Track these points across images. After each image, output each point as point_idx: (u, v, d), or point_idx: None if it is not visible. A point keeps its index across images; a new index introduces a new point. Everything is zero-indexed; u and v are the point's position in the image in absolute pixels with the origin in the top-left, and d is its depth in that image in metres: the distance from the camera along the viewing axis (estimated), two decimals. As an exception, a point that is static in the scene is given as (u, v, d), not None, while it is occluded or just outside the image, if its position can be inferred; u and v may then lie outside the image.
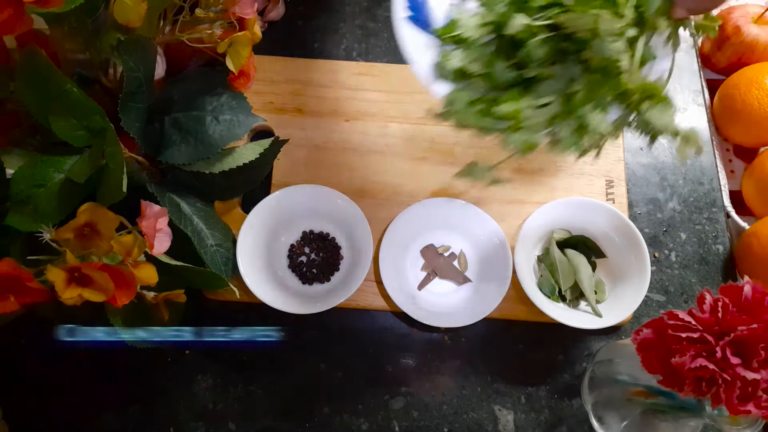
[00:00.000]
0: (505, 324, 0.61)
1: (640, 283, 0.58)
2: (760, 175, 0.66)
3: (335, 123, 0.68)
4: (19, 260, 0.42)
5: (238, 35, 0.51)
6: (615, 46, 0.41)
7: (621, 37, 0.41)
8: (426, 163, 0.67)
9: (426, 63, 0.46)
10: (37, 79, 0.45)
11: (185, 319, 0.56)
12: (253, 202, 0.60)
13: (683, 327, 0.39)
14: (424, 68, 0.46)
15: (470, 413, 0.59)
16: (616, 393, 0.53)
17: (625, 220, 0.60)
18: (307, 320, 0.61)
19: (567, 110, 0.43)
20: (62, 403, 0.58)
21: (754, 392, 0.37)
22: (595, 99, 0.43)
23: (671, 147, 0.70)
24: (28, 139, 0.50)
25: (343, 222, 0.61)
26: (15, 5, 0.38)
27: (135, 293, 0.44)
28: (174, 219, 0.52)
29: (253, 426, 0.58)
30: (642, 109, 0.44)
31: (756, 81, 0.66)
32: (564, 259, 0.61)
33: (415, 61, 0.46)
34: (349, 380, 0.59)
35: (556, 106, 0.44)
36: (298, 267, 0.62)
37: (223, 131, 0.54)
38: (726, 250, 0.65)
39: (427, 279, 0.62)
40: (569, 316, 0.57)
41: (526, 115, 0.43)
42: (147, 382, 0.59)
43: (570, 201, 0.62)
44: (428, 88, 0.46)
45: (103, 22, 0.53)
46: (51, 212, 0.46)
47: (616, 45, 0.41)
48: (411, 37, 0.46)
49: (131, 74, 0.49)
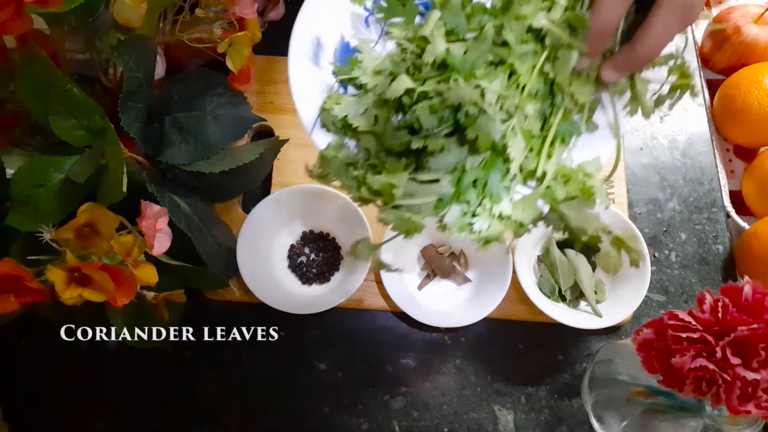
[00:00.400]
0: (505, 324, 0.61)
1: (640, 283, 0.58)
2: (760, 175, 0.66)
3: (335, 123, 0.68)
4: (19, 260, 0.42)
5: (238, 35, 0.51)
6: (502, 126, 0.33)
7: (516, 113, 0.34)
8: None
9: (315, 105, 0.38)
10: (37, 79, 0.45)
11: (185, 319, 0.56)
12: (253, 202, 0.60)
13: (683, 327, 0.39)
14: (311, 111, 0.39)
15: (470, 413, 0.59)
16: (616, 393, 0.53)
17: (625, 220, 0.60)
18: (307, 320, 0.61)
19: (457, 192, 0.36)
20: (62, 404, 0.58)
21: (754, 392, 0.37)
22: (485, 182, 0.36)
23: (671, 147, 0.70)
24: (28, 139, 0.50)
25: (343, 222, 0.61)
26: (15, 5, 0.38)
27: (135, 293, 0.44)
28: (174, 219, 0.52)
29: (253, 426, 0.58)
30: (557, 198, 0.36)
31: (756, 81, 0.66)
32: (564, 259, 0.61)
33: (301, 101, 0.38)
34: (349, 380, 0.59)
35: (447, 186, 0.36)
36: (298, 267, 0.62)
37: (223, 131, 0.54)
38: (726, 250, 0.65)
39: (427, 279, 0.62)
40: (569, 316, 0.57)
41: (408, 191, 0.36)
42: (147, 382, 0.59)
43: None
44: (309, 136, 0.38)
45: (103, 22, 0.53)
46: (51, 212, 0.46)
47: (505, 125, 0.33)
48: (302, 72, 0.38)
49: (131, 74, 0.49)
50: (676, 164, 0.69)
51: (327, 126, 0.38)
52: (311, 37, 0.39)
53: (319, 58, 0.39)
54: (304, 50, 0.39)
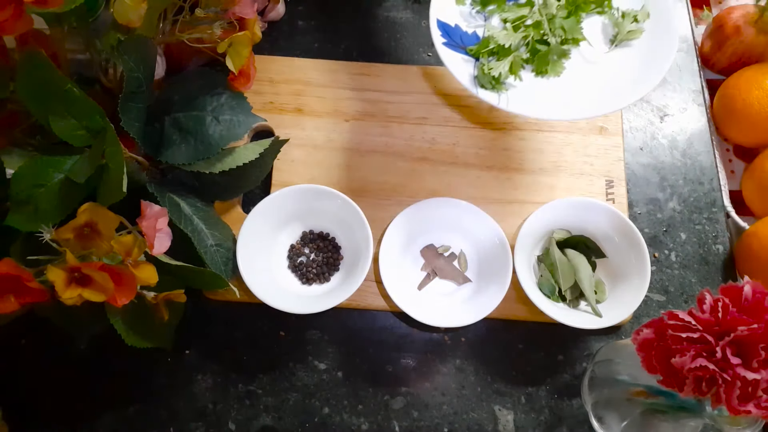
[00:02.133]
0: (505, 324, 0.61)
1: (640, 283, 0.58)
2: (760, 175, 0.66)
3: (335, 123, 0.68)
4: (19, 260, 0.42)
5: (238, 35, 0.51)
6: None
7: None
8: (426, 163, 0.67)
9: (466, 76, 0.55)
10: (37, 79, 0.45)
11: (185, 319, 0.56)
12: (253, 202, 0.60)
13: (683, 327, 0.39)
14: (466, 79, 0.55)
15: (470, 413, 0.59)
16: (616, 393, 0.53)
17: (625, 220, 0.60)
18: (307, 320, 0.61)
19: None
20: (62, 403, 0.58)
21: (754, 392, 0.37)
22: None
23: (671, 147, 0.70)
24: (28, 139, 0.50)
25: (343, 222, 0.61)
26: (15, 5, 0.38)
27: (135, 293, 0.44)
28: (174, 219, 0.53)
29: (253, 426, 0.58)
30: None
31: (756, 81, 0.66)
32: (564, 259, 0.61)
33: (458, 74, 0.55)
34: (349, 380, 0.59)
35: None
36: (298, 267, 0.62)
37: (223, 131, 0.54)
38: (726, 250, 0.65)
39: (427, 279, 0.62)
40: (569, 316, 0.57)
41: None
42: (147, 382, 0.59)
43: (570, 201, 0.62)
44: (474, 93, 0.55)
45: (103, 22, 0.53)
46: (51, 212, 0.46)
47: None
48: (450, 57, 0.56)
49: (131, 74, 0.49)
50: (676, 164, 0.69)
51: (485, 85, 0.55)
52: (441, 25, 0.57)
53: (451, 42, 0.57)
54: (442, 39, 0.57)
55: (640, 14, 0.59)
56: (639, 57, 0.58)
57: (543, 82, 0.57)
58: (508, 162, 0.67)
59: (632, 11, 0.59)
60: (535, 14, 0.58)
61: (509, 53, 0.56)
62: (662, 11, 0.59)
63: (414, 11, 0.76)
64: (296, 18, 0.75)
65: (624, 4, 0.60)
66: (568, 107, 0.54)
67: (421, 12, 0.76)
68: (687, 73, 0.74)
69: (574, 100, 0.56)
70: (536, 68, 0.57)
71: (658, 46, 0.57)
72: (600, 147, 0.68)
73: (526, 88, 0.56)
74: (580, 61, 0.58)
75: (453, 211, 0.61)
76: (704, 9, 0.81)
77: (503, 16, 0.59)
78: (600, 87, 0.57)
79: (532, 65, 0.57)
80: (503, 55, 0.56)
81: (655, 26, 0.58)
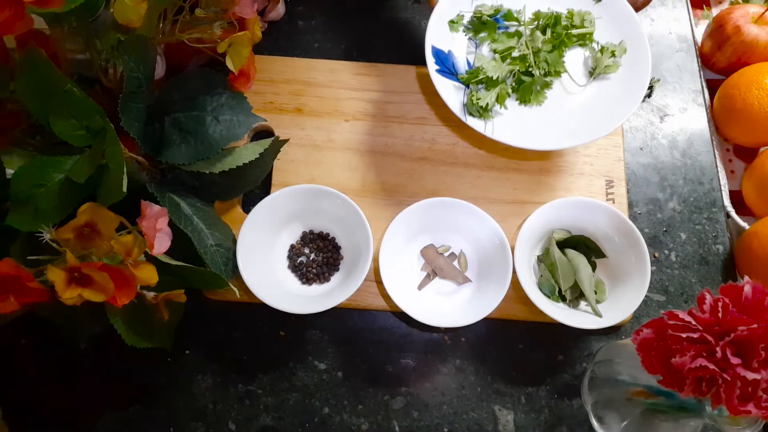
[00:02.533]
0: (505, 324, 0.61)
1: (640, 283, 0.58)
2: (760, 175, 0.66)
3: (335, 123, 0.68)
4: (19, 260, 0.42)
5: (238, 35, 0.51)
6: None
7: None
8: (426, 163, 0.67)
9: (457, 102, 0.60)
10: (37, 79, 0.45)
11: (185, 319, 0.56)
12: (253, 202, 0.60)
13: (683, 327, 0.39)
14: (457, 106, 0.59)
15: (470, 413, 0.59)
16: (616, 393, 0.53)
17: (625, 220, 0.60)
18: (307, 320, 0.61)
19: None
20: (62, 404, 0.58)
21: (754, 392, 0.37)
22: None
23: (671, 147, 0.70)
24: (28, 139, 0.50)
25: (343, 222, 0.61)
26: (15, 5, 0.38)
27: (135, 293, 0.44)
28: (174, 219, 0.53)
29: (253, 426, 0.58)
30: None
31: (756, 81, 0.66)
32: (564, 259, 0.61)
33: (449, 102, 0.59)
34: (349, 380, 0.59)
35: None
36: (298, 267, 0.62)
37: (223, 131, 0.54)
38: (726, 250, 0.65)
39: (427, 279, 0.62)
40: (569, 316, 0.57)
41: None
42: (147, 382, 0.59)
43: (570, 201, 0.62)
44: (464, 121, 0.59)
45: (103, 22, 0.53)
46: (51, 212, 0.46)
47: None
48: (443, 84, 0.60)
49: (131, 74, 0.49)
50: (676, 164, 0.69)
51: (473, 113, 0.59)
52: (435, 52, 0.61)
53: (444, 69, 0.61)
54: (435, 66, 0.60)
55: (617, 49, 0.62)
56: (615, 90, 0.62)
57: (526, 110, 0.61)
58: (508, 162, 0.67)
59: (611, 45, 0.63)
60: (522, 46, 0.62)
61: (497, 84, 0.60)
62: (638, 47, 0.62)
63: (414, 11, 0.76)
64: (296, 18, 0.75)
65: (603, 38, 0.64)
66: (549, 137, 0.59)
67: (421, 12, 0.76)
68: (687, 73, 0.74)
69: (554, 129, 0.60)
70: (520, 97, 0.61)
71: (633, 80, 0.62)
72: (600, 147, 0.68)
73: (511, 115, 0.60)
74: (561, 91, 0.63)
75: (453, 211, 0.61)
76: (704, 9, 0.81)
77: (493, 46, 0.63)
78: (578, 118, 0.61)
79: (517, 94, 0.61)
80: (491, 86, 0.60)
81: (630, 61, 0.63)
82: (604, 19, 0.64)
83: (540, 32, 0.62)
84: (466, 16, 0.64)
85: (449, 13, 0.63)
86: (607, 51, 0.62)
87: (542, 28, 0.63)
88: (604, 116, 0.60)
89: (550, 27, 0.63)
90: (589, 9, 0.64)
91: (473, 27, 0.64)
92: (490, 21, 0.63)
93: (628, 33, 0.63)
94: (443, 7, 0.63)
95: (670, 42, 0.75)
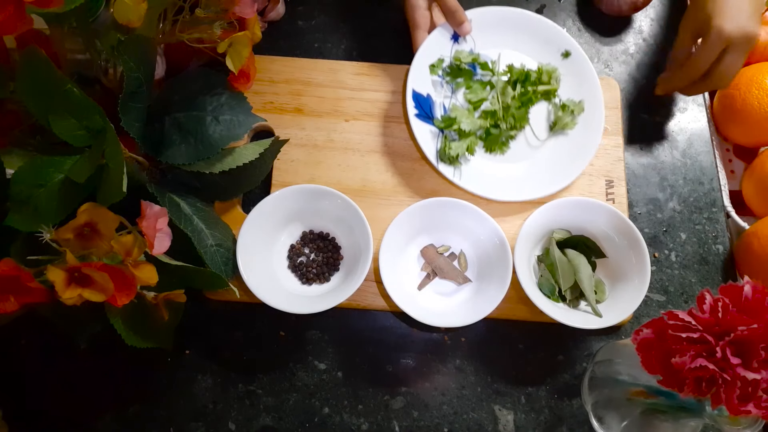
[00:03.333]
0: (505, 324, 0.61)
1: (640, 283, 0.58)
2: (760, 175, 0.66)
3: (335, 123, 0.68)
4: (19, 260, 0.42)
5: (238, 35, 0.51)
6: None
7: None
8: (426, 163, 0.67)
9: (432, 148, 0.64)
10: (37, 79, 0.45)
11: (185, 318, 0.56)
12: (253, 202, 0.60)
13: (683, 327, 0.39)
14: (431, 152, 0.64)
15: (470, 413, 0.59)
16: (616, 393, 0.53)
17: (625, 220, 0.60)
18: (307, 320, 0.61)
19: None
20: (62, 403, 0.58)
21: (754, 392, 0.37)
22: None
23: (671, 147, 0.70)
24: (28, 139, 0.50)
25: (343, 222, 0.61)
26: (15, 5, 0.38)
27: (135, 293, 0.44)
28: (174, 219, 0.53)
29: (253, 426, 0.58)
30: None
31: (756, 81, 0.66)
32: (564, 259, 0.61)
33: (425, 148, 0.63)
34: (349, 380, 0.59)
35: None
36: (298, 267, 0.62)
37: (223, 131, 0.54)
38: (726, 250, 0.65)
39: (427, 279, 0.62)
40: (569, 316, 0.57)
41: None
42: (147, 382, 0.59)
43: (570, 201, 0.62)
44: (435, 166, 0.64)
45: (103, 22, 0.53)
46: (51, 212, 0.46)
47: None
48: (420, 129, 0.64)
49: (131, 74, 0.49)
50: (676, 164, 0.69)
51: (444, 160, 0.64)
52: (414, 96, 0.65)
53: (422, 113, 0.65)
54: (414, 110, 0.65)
55: (576, 108, 0.67)
56: (570, 146, 0.67)
57: (491, 157, 0.66)
58: (508, 162, 0.67)
59: (571, 102, 0.67)
60: (493, 98, 0.67)
61: (468, 136, 0.65)
62: (595, 106, 0.67)
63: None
64: (296, 18, 0.75)
65: (565, 93, 0.68)
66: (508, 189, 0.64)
67: (421, 12, 0.76)
68: (687, 73, 0.73)
69: (513, 182, 0.65)
70: (486, 146, 0.66)
71: (588, 138, 0.66)
72: (600, 147, 0.68)
73: (478, 162, 0.66)
74: (523, 142, 0.68)
75: (453, 211, 0.61)
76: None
77: (468, 96, 0.67)
78: (536, 171, 0.66)
79: (484, 143, 0.66)
80: (463, 137, 0.65)
81: (587, 119, 0.67)
82: (567, 75, 0.69)
83: (511, 87, 0.66)
84: (446, 61, 0.68)
85: (430, 57, 0.67)
86: (568, 109, 0.67)
87: (512, 82, 0.67)
88: (558, 173, 0.65)
89: (519, 83, 0.67)
90: (557, 64, 0.69)
91: (451, 72, 0.68)
92: (466, 69, 0.68)
93: (588, 93, 0.67)
94: (426, 51, 0.66)
95: (670, 42, 0.75)
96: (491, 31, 0.69)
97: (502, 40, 0.69)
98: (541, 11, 0.76)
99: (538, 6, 0.77)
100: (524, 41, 0.69)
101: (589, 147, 0.65)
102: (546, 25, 0.69)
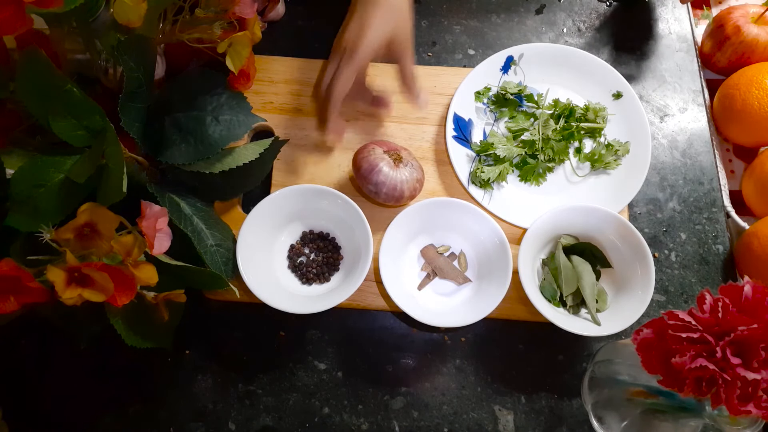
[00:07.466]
0: (505, 324, 0.61)
1: (643, 295, 0.57)
2: (760, 175, 0.66)
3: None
4: (19, 260, 0.42)
5: (238, 35, 0.51)
6: None
7: None
8: (426, 162, 0.67)
9: (465, 171, 0.65)
10: (37, 79, 0.45)
11: (185, 319, 0.56)
12: (253, 202, 0.60)
13: (683, 327, 0.39)
14: (464, 174, 0.65)
15: (470, 413, 0.59)
16: (616, 393, 0.53)
17: (634, 232, 0.58)
18: (307, 320, 0.61)
19: None
20: (62, 403, 0.58)
21: (754, 392, 0.37)
22: None
23: (671, 147, 0.70)
24: (28, 139, 0.50)
25: (343, 222, 0.61)
26: (15, 5, 0.38)
27: (135, 293, 0.44)
28: (174, 219, 0.53)
29: (253, 426, 0.58)
30: None
31: (756, 81, 0.66)
32: (569, 264, 0.60)
33: (459, 169, 0.65)
34: (349, 380, 0.59)
35: None
36: (298, 267, 0.62)
37: (223, 131, 0.54)
38: (726, 250, 0.65)
39: (427, 279, 0.62)
40: (568, 322, 0.57)
41: None
42: (147, 382, 0.59)
43: (580, 207, 0.60)
44: (466, 188, 0.65)
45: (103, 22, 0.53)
46: (51, 212, 0.46)
47: None
48: (456, 151, 0.66)
49: (131, 74, 0.49)
50: (676, 164, 0.69)
51: (475, 183, 0.65)
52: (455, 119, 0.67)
53: (461, 136, 0.67)
54: (453, 132, 0.66)
55: (621, 149, 0.66)
56: (610, 185, 0.66)
57: (525, 187, 0.66)
58: (508, 162, 0.67)
59: (617, 143, 0.66)
60: (534, 129, 0.66)
61: (503, 162, 0.65)
62: (642, 149, 0.65)
63: (414, 11, 0.76)
64: (296, 18, 0.75)
65: (612, 133, 0.67)
66: None
67: (421, 12, 0.76)
68: (687, 73, 0.73)
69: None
70: (522, 176, 0.66)
71: (629, 179, 0.65)
72: (600, 147, 0.68)
73: (510, 190, 0.66)
74: (561, 176, 0.67)
75: (453, 211, 0.61)
76: (704, 9, 0.81)
77: (509, 124, 0.67)
78: None
79: (519, 171, 0.66)
80: (498, 163, 0.65)
81: (631, 161, 0.66)
82: (618, 116, 0.68)
83: (553, 120, 0.66)
84: (493, 89, 0.69)
85: (477, 84, 0.68)
86: (612, 149, 0.66)
87: (556, 116, 0.66)
88: None
89: (563, 117, 0.66)
90: (607, 104, 0.68)
91: (497, 100, 0.68)
92: (512, 99, 0.68)
93: (636, 135, 0.66)
94: (474, 78, 0.68)
95: (670, 42, 0.75)
96: (543, 66, 0.69)
97: (553, 76, 0.69)
98: (541, 11, 0.76)
99: (538, 6, 0.77)
100: (574, 78, 0.69)
101: (630, 189, 0.64)
102: (598, 65, 0.68)
